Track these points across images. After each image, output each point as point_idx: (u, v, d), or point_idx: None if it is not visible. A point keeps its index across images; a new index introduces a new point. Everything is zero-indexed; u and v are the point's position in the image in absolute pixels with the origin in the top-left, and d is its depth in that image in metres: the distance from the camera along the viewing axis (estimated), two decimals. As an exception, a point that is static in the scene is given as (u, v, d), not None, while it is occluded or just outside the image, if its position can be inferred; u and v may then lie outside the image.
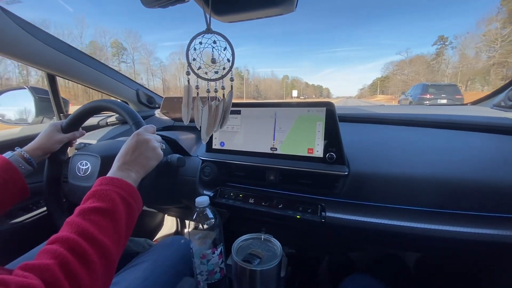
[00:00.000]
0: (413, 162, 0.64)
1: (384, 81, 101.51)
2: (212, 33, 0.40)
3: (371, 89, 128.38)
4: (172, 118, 1.26)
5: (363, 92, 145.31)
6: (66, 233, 0.35)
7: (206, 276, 0.59)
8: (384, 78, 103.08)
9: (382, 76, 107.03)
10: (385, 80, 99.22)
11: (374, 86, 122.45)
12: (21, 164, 0.61)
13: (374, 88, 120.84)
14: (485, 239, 0.52)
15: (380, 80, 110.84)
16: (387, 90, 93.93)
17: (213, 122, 0.44)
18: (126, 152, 0.52)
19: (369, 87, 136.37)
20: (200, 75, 0.41)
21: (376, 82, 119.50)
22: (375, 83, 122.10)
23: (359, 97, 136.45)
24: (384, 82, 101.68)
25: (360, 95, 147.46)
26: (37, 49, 0.88)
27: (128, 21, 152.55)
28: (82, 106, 0.72)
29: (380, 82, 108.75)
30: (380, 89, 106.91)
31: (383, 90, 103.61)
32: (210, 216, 0.58)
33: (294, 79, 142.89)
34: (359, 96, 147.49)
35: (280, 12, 0.48)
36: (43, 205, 0.97)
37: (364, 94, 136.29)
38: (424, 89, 10.59)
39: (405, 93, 13.35)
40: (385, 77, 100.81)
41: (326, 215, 0.65)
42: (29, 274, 0.29)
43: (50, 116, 1.17)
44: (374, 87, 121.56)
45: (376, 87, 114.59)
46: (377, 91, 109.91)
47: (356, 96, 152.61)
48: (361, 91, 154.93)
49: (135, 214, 0.46)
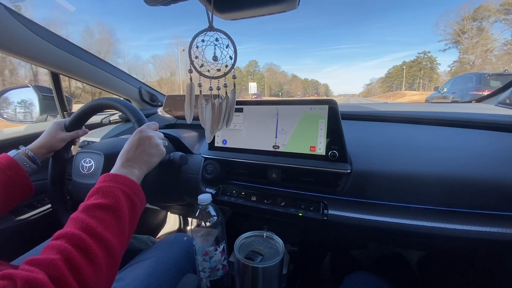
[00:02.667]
0: (416, 160, 0.64)
1: (412, 69, 77.66)
2: (214, 31, 0.40)
3: (387, 83, 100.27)
4: (174, 116, 1.26)
5: (371, 88, 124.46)
6: (71, 229, 0.36)
7: (209, 273, 0.59)
8: (414, 61, 79.79)
9: (410, 61, 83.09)
10: (415, 66, 77.28)
11: (392, 78, 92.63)
12: (25, 163, 0.62)
13: (392, 81, 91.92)
14: (489, 237, 0.52)
15: (408, 65, 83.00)
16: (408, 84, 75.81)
17: (217, 120, 0.44)
18: (129, 149, 0.52)
19: (383, 81, 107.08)
20: (202, 73, 0.41)
21: (397, 71, 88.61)
22: (394, 74, 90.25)
23: (366, 94, 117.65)
24: (411, 71, 77.93)
25: (367, 91, 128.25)
26: (41, 47, 0.88)
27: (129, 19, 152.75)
28: (85, 104, 0.72)
29: (408, 70, 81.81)
30: (402, 83, 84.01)
31: (397, 85, 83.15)
32: (213, 213, 0.58)
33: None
34: (366, 93, 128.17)
35: (282, 9, 0.48)
36: (47, 202, 0.98)
37: (373, 91, 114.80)
38: (480, 81, 6.65)
39: (438, 89, 8.90)
40: (415, 61, 78.60)
41: (329, 213, 0.65)
42: (35, 268, 0.30)
43: (54, 114, 1.18)
44: (392, 79, 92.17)
45: (395, 81, 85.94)
46: (402, 85, 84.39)
47: (361, 94, 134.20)
48: (368, 87, 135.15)
49: (138, 210, 0.46)
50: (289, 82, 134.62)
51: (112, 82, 1.20)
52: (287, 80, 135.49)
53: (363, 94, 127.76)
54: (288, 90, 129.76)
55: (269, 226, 0.82)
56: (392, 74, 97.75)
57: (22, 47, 0.84)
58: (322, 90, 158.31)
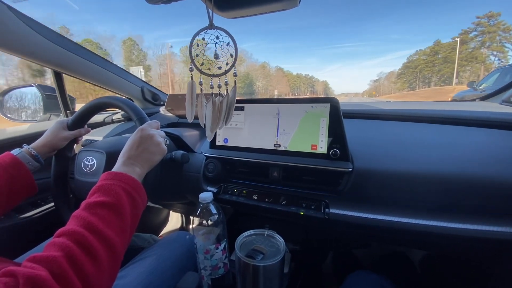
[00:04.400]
0: (418, 159, 0.64)
1: (451, 54, 52.25)
2: (214, 29, 0.40)
3: (405, 77, 77.47)
4: (176, 115, 1.27)
5: (379, 86, 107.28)
6: (73, 226, 0.36)
7: (210, 271, 0.59)
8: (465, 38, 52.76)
9: (448, 42, 56.89)
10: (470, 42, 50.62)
11: (416, 69, 69.17)
12: (28, 161, 0.62)
13: (417, 73, 68.38)
14: (491, 237, 0.52)
15: (445, 47, 58.34)
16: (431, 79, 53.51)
17: (217, 119, 0.44)
18: (130, 147, 0.52)
19: (398, 75, 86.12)
20: (203, 71, 0.41)
21: (422, 60, 65.62)
22: (419, 63, 67.67)
23: (375, 92, 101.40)
24: (449, 56, 53.27)
25: (374, 89, 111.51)
26: (44, 47, 0.89)
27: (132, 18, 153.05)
28: (87, 103, 0.73)
29: (447, 54, 56.91)
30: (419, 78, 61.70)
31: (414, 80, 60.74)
32: (214, 212, 0.58)
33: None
34: (373, 90, 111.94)
35: (283, 7, 0.48)
36: (51, 200, 0.99)
37: (382, 89, 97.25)
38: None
39: (474, 85, 6.10)
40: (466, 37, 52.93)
41: (330, 211, 0.65)
42: (37, 265, 0.30)
43: (57, 113, 1.19)
44: (416, 71, 68.67)
45: (419, 73, 63.03)
46: (431, 78, 60.80)
47: (366, 93, 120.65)
48: (375, 84, 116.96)
49: (139, 208, 0.46)
50: (269, 77, 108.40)
51: (115, 81, 1.21)
52: (266, 74, 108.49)
53: (371, 92, 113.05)
54: (267, 87, 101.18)
55: (270, 225, 0.82)
56: (415, 63, 72.66)
57: (25, 46, 0.84)
58: (319, 88, 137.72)
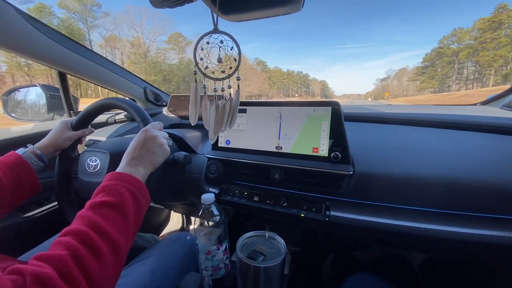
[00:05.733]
0: (419, 163, 0.64)
1: None
2: (219, 33, 0.40)
3: (429, 74, 58.62)
4: (178, 116, 1.27)
5: (387, 85, 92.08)
6: (78, 225, 0.37)
7: (211, 272, 0.60)
8: None
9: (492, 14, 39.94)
10: None
11: (443, 62, 50.06)
12: (33, 161, 0.63)
13: (450, 67, 50.04)
14: (492, 241, 0.52)
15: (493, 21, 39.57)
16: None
17: (221, 121, 0.45)
18: (134, 148, 0.53)
19: (416, 72, 67.22)
20: (207, 75, 0.42)
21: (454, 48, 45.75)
22: (450, 53, 48.47)
23: (382, 94, 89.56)
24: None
25: (381, 89, 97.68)
26: (49, 47, 0.90)
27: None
28: (91, 104, 0.73)
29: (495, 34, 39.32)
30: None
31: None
32: (216, 213, 0.59)
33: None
34: (377, 92, 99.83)
35: (287, 11, 0.48)
36: (54, 199, 1.00)
37: (392, 89, 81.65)
38: None
39: None
40: None
41: (331, 214, 0.65)
42: (43, 264, 0.31)
43: (61, 113, 1.20)
44: (444, 65, 49.52)
45: (451, 69, 44.87)
46: (453, 77, 44.22)
47: (370, 94, 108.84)
48: (382, 83, 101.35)
49: (143, 208, 0.47)
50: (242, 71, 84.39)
51: (118, 82, 1.22)
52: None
53: (377, 93, 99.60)
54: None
55: (271, 226, 0.83)
56: (451, 49, 51.75)
57: (32, 47, 0.85)
58: (316, 88, 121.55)
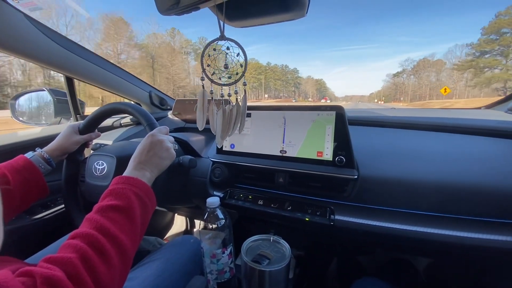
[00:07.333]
0: (423, 167, 0.64)
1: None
2: (225, 40, 0.41)
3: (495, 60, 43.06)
4: (183, 120, 1.29)
5: (400, 83, 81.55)
6: (86, 229, 0.37)
7: (216, 275, 0.60)
8: None
9: None
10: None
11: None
12: (41, 164, 0.64)
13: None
14: (497, 246, 0.52)
15: None
16: None
17: (228, 126, 0.46)
18: (141, 152, 0.54)
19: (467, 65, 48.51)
20: (214, 81, 0.43)
21: None
22: None
23: (389, 93, 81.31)
24: None
25: (395, 87, 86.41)
26: (57, 53, 0.92)
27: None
28: (98, 108, 0.75)
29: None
30: None
31: None
32: (221, 216, 0.59)
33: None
34: (390, 91, 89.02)
35: (291, 17, 0.49)
36: (61, 202, 1.01)
37: (406, 89, 73.05)
38: None
39: None
40: None
41: (335, 218, 0.65)
42: (53, 266, 0.31)
43: (67, 117, 1.22)
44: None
45: None
46: None
47: (375, 96, 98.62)
48: (394, 80, 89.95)
49: (149, 212, 0.48)
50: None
51: (124, 86, 1.23)
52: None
53: (381, 99, 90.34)
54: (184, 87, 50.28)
55: (276, 230, 0.83)
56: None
57: (41, 53, 0.87)
58: (310, 89, 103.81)
